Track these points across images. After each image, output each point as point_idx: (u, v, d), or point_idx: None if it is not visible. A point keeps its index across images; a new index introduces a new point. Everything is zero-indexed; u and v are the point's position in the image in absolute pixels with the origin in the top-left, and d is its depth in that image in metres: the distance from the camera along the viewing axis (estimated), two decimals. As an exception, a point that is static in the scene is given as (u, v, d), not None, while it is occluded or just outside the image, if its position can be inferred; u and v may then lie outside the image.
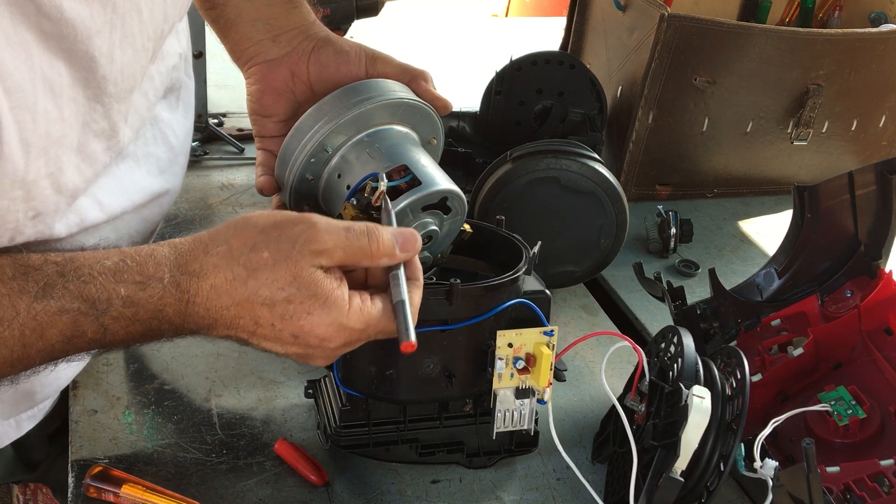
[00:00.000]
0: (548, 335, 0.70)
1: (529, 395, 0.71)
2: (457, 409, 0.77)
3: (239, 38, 0.78)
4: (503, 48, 1.23)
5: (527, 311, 0.71)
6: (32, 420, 0.81)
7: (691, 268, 1.15)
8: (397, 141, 0.72)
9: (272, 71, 0.77)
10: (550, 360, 0.69)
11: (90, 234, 0.68)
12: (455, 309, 0.69)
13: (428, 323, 0.68)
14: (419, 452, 0.78)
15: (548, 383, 0.70)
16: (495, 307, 0.70)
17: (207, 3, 0.80)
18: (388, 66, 0.76)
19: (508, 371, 0.70)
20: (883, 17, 1.42)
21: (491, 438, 0.76)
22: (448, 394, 0.73)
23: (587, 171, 1.00)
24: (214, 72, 1.37)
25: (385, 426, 0.76)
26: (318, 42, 0.77)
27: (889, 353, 0.81)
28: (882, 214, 0.87)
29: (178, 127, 0.80)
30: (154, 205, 0.77)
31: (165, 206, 0.80)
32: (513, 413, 0.72)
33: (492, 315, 0.70)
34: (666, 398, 0.73)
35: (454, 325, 0.69)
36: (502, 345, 0.70)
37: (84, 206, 0.67)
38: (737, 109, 1.29)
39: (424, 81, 0.75)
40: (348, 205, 0.70)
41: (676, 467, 0.68)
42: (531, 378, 0.71)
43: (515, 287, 0.72)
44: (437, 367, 0.71)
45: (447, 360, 0.71)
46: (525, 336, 0.70)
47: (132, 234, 0.75)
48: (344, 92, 0.71)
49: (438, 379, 0.72)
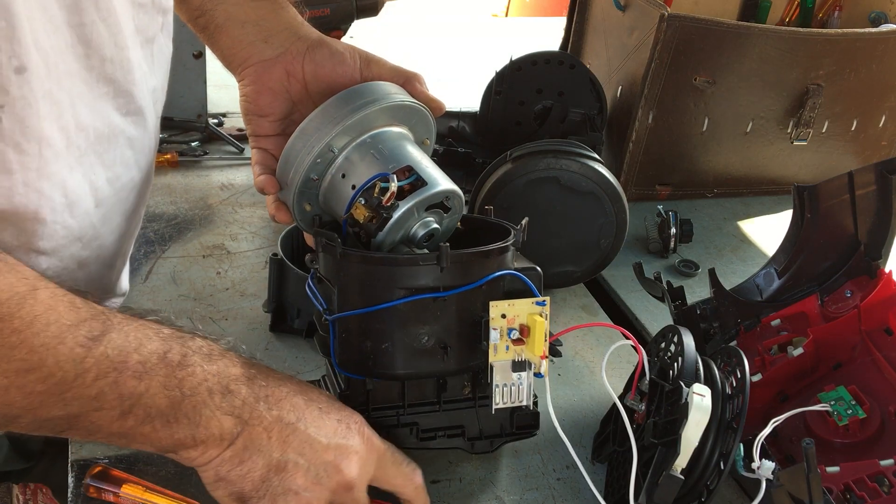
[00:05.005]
0: (540, 305, 0.71)
1: (526, 367, 0.72)
2: (455, 393, 0.77)
3: (230, 41, 0.79)
4: (503, 48, 1.23)
5: (519, 283, 0.73)
6: None
7: (691, 268, 1.15)
8: (398, 142, 0.74)
9: (267, 71, 0.77)
10: (544, 328, 0.70)
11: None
12: (446, 276, 0.70)
13: (420, 290, 0.69)
14: (419, 437, 0.78)
15: (543, 355, 0.71)
16: (486, 276, 0.71)
17: (195, 13, 0.80)
18: (381, 68, 0.77)
19: (503, 343, 0.71)
20: (883, 17, 1.42)
21: (491, 422, 0.76)
22: (444, 367, 0.73)
23: (587, 171, 1.00)
24: (214, 72, 1.36)
25: (384, 410, 0.76)
26: (311, 43, 0.78)
27: (889, 353, 0.81)
28: (882, 214, 0.87)
29: (150, 80, 0.78)
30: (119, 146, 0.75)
31: (133, 161, 0.77)
32: (510, 388, 0.72)
33: (483, 283, 0.71)
34: (666, 396, 0.73)
35: (446, 292, 0.70)
36: (496, 315, 0.70)
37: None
38: (737, 109, 1.29)
39: (419, 83, 0.77)
40: (359, 205, 0.72)
41: (676, 465, 0.68)
42: (526, 349, 0.71)
43: (505, 259, 0.73)
44: (431, 339, 0.72)
45: (441, 331, 0.72)
46: (518, 307, 0.71)
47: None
48: (347, 94, 0.73)
49: (434, 351, 0.72)
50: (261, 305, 0.98)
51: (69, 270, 0.72)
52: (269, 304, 0.95)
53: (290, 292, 0.94)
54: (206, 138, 1.39)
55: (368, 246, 0.73)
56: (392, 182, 0.70)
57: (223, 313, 1.00)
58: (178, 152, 1.34)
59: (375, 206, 0.71)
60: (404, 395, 0.76)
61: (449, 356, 0.72)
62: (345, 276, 0.71)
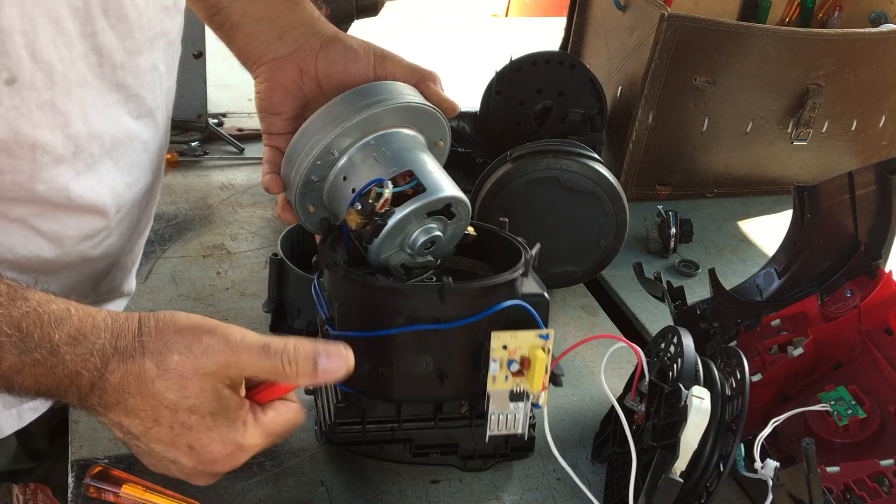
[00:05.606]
0: (543, 338, 0.69)
1: (524, 398, 0.70)
2: (452, 410, 0.77)
3: (245, 39, 0.78)
4: (503, 48, 1.23)
5: (523, 313, 0.70)
6: (34, 412, 0.81)
7: (691, 268, 1.15)
8: (404, 145, 0.71)
9: (280, 69, 0.76)
10: (545, 363, 0.68)
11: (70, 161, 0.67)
12: (448, 308, 0.68)
13: (420, 321, 0.68)
14: (413, 453, 0.78)
15: (542, 388, 0.69)
16: (489, 308, 0.69)
17: (211, 10, 0.79)
18: (396, 65, 0.75)
19: (502, 373, 0.69)
20: (883, 17, 1.42)
21: (486, 442, 0.75)
22: (441, 394, 0.73)
23: (587, 171, 1.00)
24: (214, 72, 1.37)
25: (379, 425, 0.76)
26: (326, 39, 0.76)
27: (889, 353, 0.81)
28: (882, 214, 0.87)
29: (165, 81, 0.79)
30: (134, 149, 0.75)
31: (148, 164, 0.78)
32: (507, 416, 0.71)
33: (485, 316, 0.69)
34: (665, 398, 0.73)
35: (446, 324, 0.68)
36: (496, 346, 0.69)
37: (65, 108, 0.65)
38: (737, 109, 1.29)
39: (433, 83, 0.75)
40: (352, 210, 0.69)
41: (676, 468, 0.68)
42: (525, 381, 0.70)
43: (512, 288, 0.71)
44: (430, 367, 0.71)
45: (440, 359, 0.71)
46: (520, 338, 0.69)
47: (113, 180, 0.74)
48: (352, 94, 0.71)
49: (431, 378, 0.71)
50: (261, 305, 0.97)
51: (71, 264, 0.73)
52: (269, 304, 0.95)
53: (290, 292, 0.94)
54: (206, 138, 1.39)
55: (367, 251, 0.71)
56: (386, 188, 0.68)
57: (223, 313, 1.00)
58: (178, 152, 1.34)
59: (369, 212, 0.69)
60: (399, 410, 0.75)
61: (446, 384, 0.71)
62: (345, 297, 0.70)
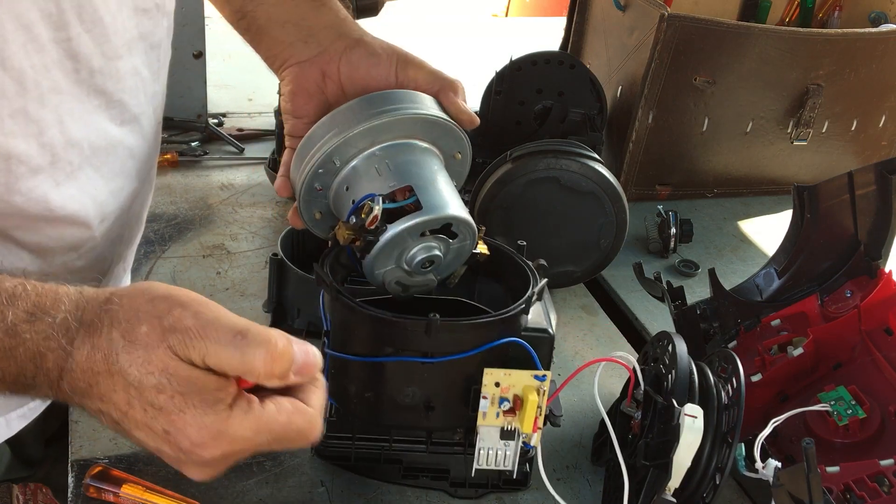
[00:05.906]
0: (539, 380, 0.66)
1: (515, 437, 0.68)
2: (445, 436, 0.74)
3: (271, 42, 0.77)
4: (503, 48, 1.23)
5: (521, 350, 0.67)
6: (23, 419, 0.81)
7: (691, 268, 1.15)
8: (411, 157, 0.68)
9: (304, 72, 0.75)
10: (537, 406, 0.66)
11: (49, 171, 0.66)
12: (435, 343, 0.65)
13: (408, 352, 0.66)
14: (402, 474, 0.76)
15: (534, 429, 0.67)
16: (483, 344, 0.66)
17: (238, 14, 0.78)
18: (419, 71, 0.73)
19: (493, 410, 0.67)
20: (883, 17, 1.42)
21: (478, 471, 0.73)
22: (429, 424, 0.70)
23: (587, 171, 1.00)
24: (214, 72, 1.37)
25: (370, 443, 0.75)
26: (350, 42, 0.74)
27: (889, 353, 0.81)
28: (882, 214, 0.87)
29: (150, 85, 0.77)
30: (118, 155, 0.74)
31: (134, 172, 0.77)
32: (496, 452, 0.69)
33: (475, 353, 0.66)
34: (659, 414, 0.71)
35: (433, 358, 0.65)
36: (489, 383, 0.66)
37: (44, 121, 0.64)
38: (737, 109, 1.29)
39: (453, 93, 0.72)
40: (342, 224, 0.67)
41: (669, 487, 0.67)
42: (517, 421, 0.68)
43: (511, 324, 0.67)
44: (416, 397, 0.68)
45: (428, 390, 0.68)
46: (514, 377, 0.66)
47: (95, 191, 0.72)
48: (360, 102, 0.69)
49: (418, 408, 0.69)
50: (261, 305, 0.97)
51: (56, 276, 0.72)
52: (269, 304, 0.95)
53: (290, 292, 0.94)
54: (206, 138, 1.39)
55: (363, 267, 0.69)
56: (376, 205, 0.65)
57: (223, 313, 1.00)
58: (178, 152, 1.34)
59: (359, 228, 0.65)
60: (391, 430, 0.74)
61: (433, 415, 0.69)
62: (337, 317, 0.69)
